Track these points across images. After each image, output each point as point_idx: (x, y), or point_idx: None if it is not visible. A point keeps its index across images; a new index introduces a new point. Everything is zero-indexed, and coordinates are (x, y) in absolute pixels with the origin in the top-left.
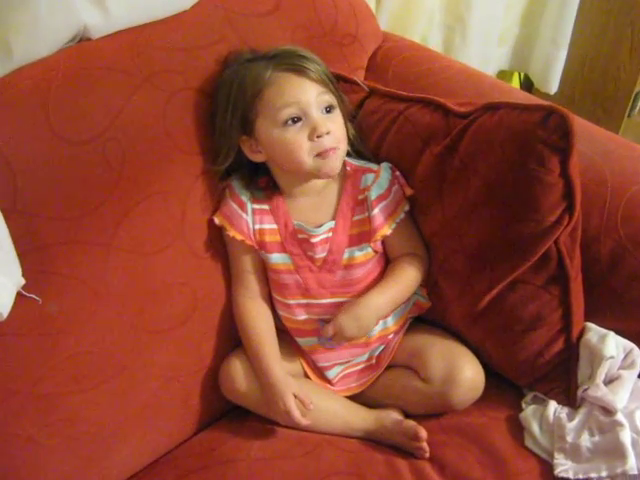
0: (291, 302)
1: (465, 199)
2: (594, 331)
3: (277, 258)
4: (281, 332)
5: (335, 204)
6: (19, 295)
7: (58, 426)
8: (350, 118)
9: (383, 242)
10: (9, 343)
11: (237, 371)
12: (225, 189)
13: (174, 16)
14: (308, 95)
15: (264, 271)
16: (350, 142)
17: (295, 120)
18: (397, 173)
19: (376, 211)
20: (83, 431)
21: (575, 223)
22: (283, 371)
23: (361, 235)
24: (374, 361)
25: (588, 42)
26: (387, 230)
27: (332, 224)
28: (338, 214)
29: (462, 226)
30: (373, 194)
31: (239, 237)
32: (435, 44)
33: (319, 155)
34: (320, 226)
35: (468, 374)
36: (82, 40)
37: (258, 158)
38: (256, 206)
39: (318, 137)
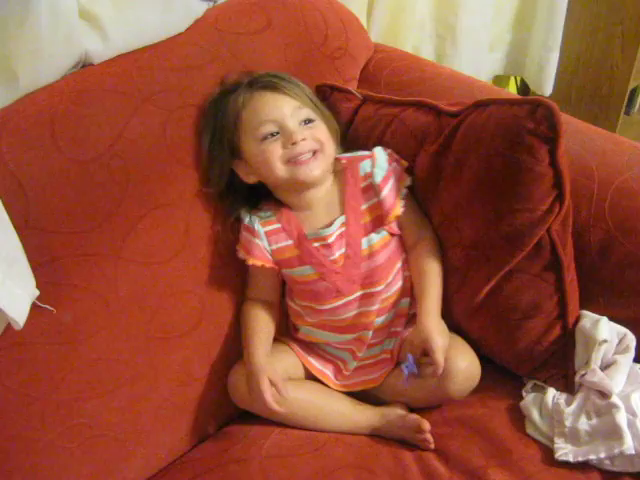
0: (327, 307)
1: (461, 194)
2: (588, 317)
3: (301, 271)
4: (288, 339)
5: (341, 199)
6: (34, 306)
7: (77, 430)
8: (336, 135)
9: (399, 225)
10: (27, 352)
11: (243, 380)
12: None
13: (170, 39)
14: (283, 109)
15: (279, 286)
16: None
17: (274, 134)
18: (389, 151)
19: (385, 193)
20: (101, 435)
21: (566, 212)
22: (265, 359)
23: (375, 220)
24: (389, 355)
25: (580, 43)
26: (399, 209)
27: (343, 218)
28: (346, 207)
29: (460, 220)
30: (377, 177)
31: (259, 263)
32: (427, 53)
33: (291, 162)
34: (331, 224)
35: (461, 365)
36: (84, 66)
37: (251, 180)
38: (267, 228)
39: (293, 144)
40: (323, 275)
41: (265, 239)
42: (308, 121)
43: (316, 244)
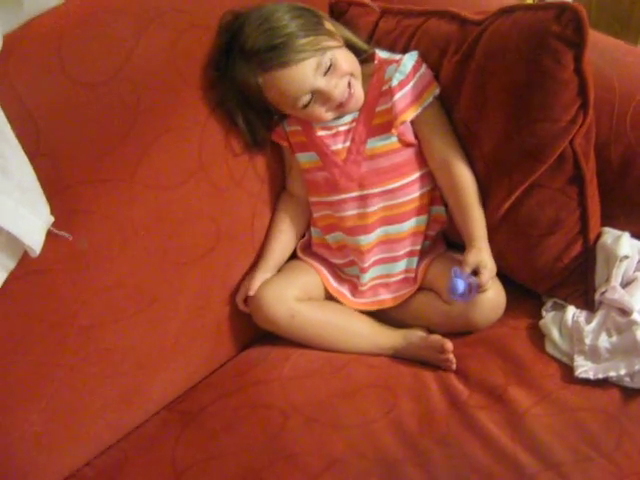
0: (327, 199)
1: (483, 103)
2: (610, 234)
3: (304, 157)
4: (307, 254)
5: (363, 96)
6: (50, 233)
7: (98, 356)
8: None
9: (418, 135)
10: (45, 279)
11: (265, 298)
12: None
13: None
14: (307, 79)
15: (302, 176)
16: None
17: (310, 100)
18: (419, 58)
19: (397, 97)
20: (122, 359)
21: (589, 124)
22: (277, 258)
23: (384, 125)
24: (413, 274)
25: None
26: (410, 114)
27: (355, 114)
28: (363, 105)
29: (481, 132)
30: (394, 81)
31: (277, 140)
32: None
33: (338, 107)
34: (344, 116)
35: (489, 294)
36: None
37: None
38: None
39: (329, 100)
40: (324, 164)
41: (285, 121)
42: (329, 66)
43: (322, 132)
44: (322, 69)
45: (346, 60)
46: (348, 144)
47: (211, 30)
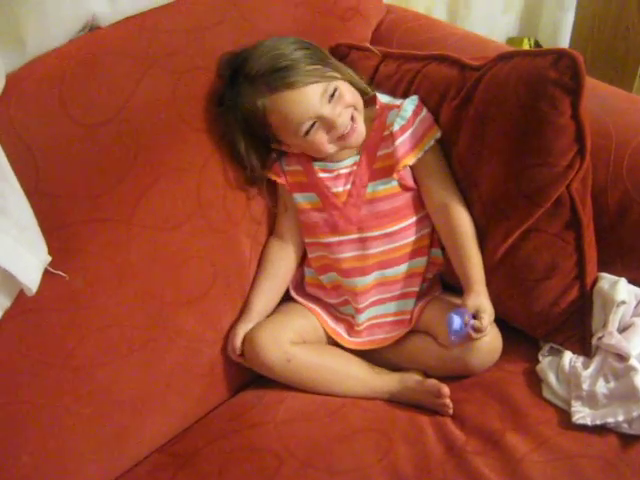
0: (324, 240)
1: (481, 148)
2: (606, 279)
3: (303, 197)
4: (301, 295)
5: (364, 140)
6: (46, 272)
7: (92, 396)
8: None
9: (417, 179)
10: (40, 318)
11: (261, 343)
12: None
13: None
14: (312, 104)
15: (296, 218)
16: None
17: (313, 125)
18: (419, 101)
19: (399, 141)
20: (116, 400)
21: (586, 170)
22: (261, 307)
23: (385, 169)
24: (408, 316)
25: (595, 4)
26: (411, 159)
27: (357, 158)
28: (364, 149)
29: (479, 176)
30: (396, 126)
31: (274, 177)
32: (439, 14)
33: (340, 139)
34: (345, 159)
35: (486, 338)
36: (92, 29)
37: (294, 150)
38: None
39: (334, 128)
40: (324, 205)
41: (283, 160)
42: (333, 94)
43: (322, 174)
44: (327, 96)
45: (350, 92)
46: (349, 187)
47: (211, 72)
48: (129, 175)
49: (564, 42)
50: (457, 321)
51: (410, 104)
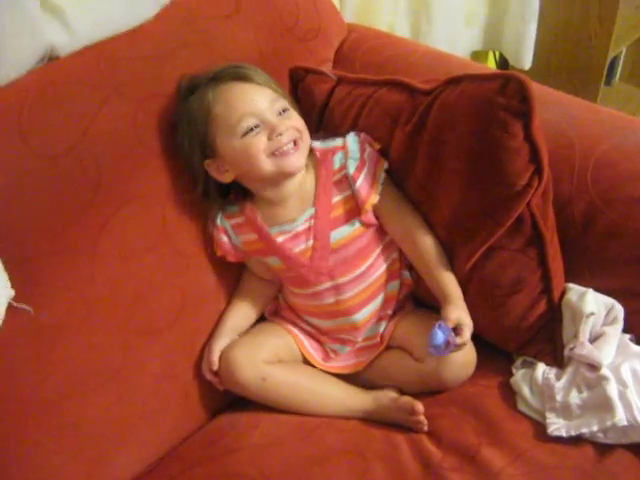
0: (301, 292)
1: (439, 171)
2: (574, 290)
3: (271, 260)
4: (277, 317)
5: (314, 191)
6: (10, 306)
7: (62, 430)
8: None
9: (376, 214)
10: (6, 353)
11: (236, 361)
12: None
13: (138, 27)
14: (261, 102)
15: (269, 269)
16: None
17: (253, 128)
18: (362, 135)
19: (358, 183)
20: (87, 433)
21: (546, 185)
22: (235, 322)
23: (346, 213)
24: (378, 339)
25: (557, 14)
26: (375, 197)
27: (312, 211)
28: (317, 200)
29: (440, 198)
30: (351, 169)
31: (234, 259)
32: (402, 31)
33: (277, 154)
34: (298, 218)
35: (460, 352)
36: (51, 59)
37: (227, 178)
38: (233, 221)
39: (278, 135)
40: (288, 267)
41: (232, 231)
42: (284, 111)
43: (281, 238)
44: (277, 108)
45: (299, 120)
46: (311, 242)
47: (171, 98)
48: (91, 205)
49: (528, 53)
50: (440, 337)
51: (354, 142)
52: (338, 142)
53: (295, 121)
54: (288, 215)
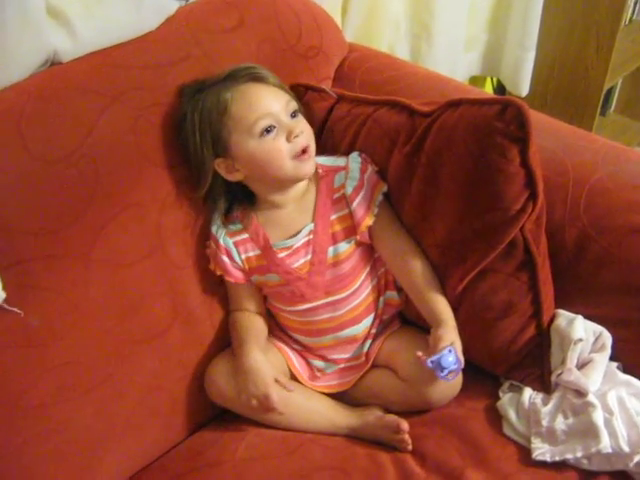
0: (294, 309)
1: (435, 194)
2: (563, 316)
3: (269, 277)
4: (271, 337)
5: (313, 206)
6: (1, 309)
7: (47, 436)
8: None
9: (370, 234)
10: None
11: (222, 375)
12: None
13: (141, 37)
14: (277, 104)
15: (260, 294)
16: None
17: (269, 129)
18: (363, 156)
19: (355, 204)
20: (72, 440)
21: (539, 210)
22: (263, 357)
23: (345, 230)
24: (363, 359)
25: (556, 43)
26: (371, 218)
27: (312, 226)
28: (317, 215)
29: (434, 220)
30: (349, 189)
31: (233, 280)
32: (402, 53)
33: (297, 157)
34: (300, 231)
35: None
36: (53, 64)
37: (236, 177)
38: (236, 238)
39: (295, 137)
40: (288, 281)
41: (235, 250)
42: (295, 113)
43: (282, 254)
44: (289, 110)
45: (310, 128)
46: (310, 257)
47: (172, 108)
48: (88, 211)
49: (525, 81)
50: (453, 362)
51: (355, 163)
52: (341, 162)
53: (306, 127)
54: (289, 228)
